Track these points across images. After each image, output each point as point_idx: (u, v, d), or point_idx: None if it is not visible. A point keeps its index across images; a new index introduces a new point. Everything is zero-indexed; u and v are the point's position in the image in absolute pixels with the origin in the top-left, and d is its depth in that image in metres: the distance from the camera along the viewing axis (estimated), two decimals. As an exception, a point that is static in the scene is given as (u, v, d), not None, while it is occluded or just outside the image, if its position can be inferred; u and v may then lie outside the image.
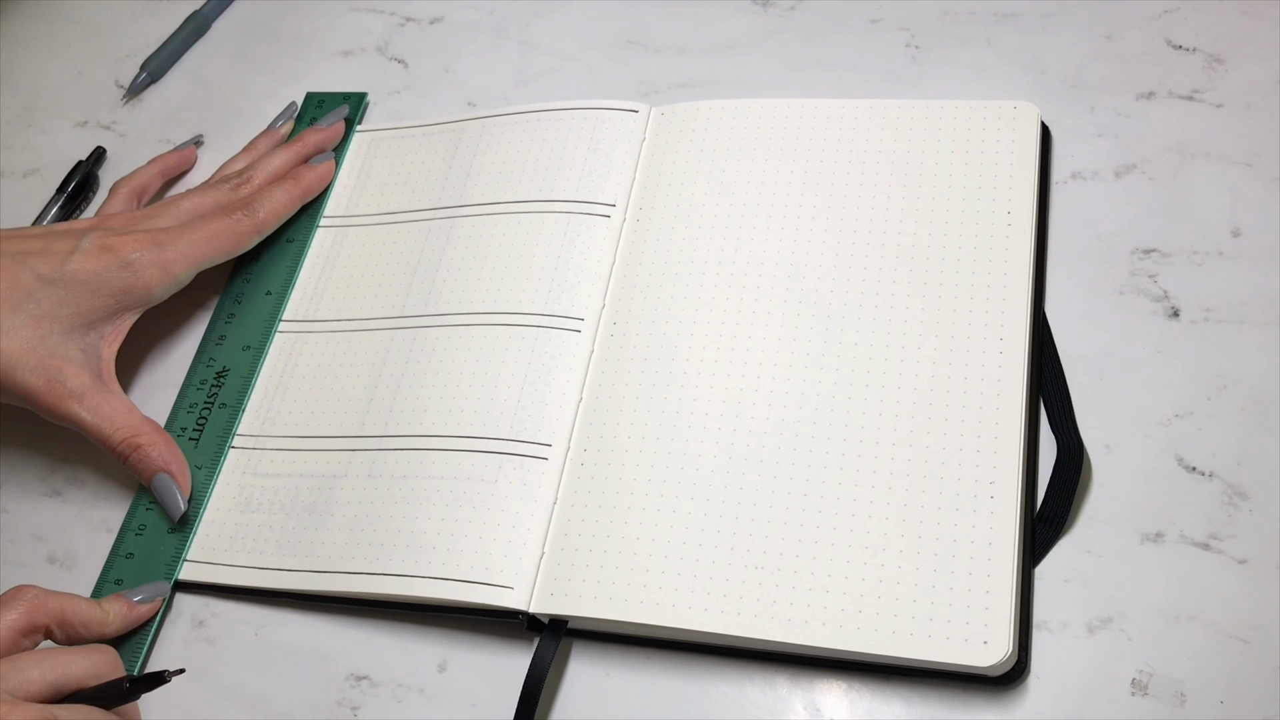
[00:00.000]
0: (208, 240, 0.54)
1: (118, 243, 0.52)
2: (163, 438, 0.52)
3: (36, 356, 0.50)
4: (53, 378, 0.50)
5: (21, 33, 0.73)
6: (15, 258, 0.51)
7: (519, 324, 0.51)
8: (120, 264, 0.51)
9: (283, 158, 0.58)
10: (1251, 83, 0.51)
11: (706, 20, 0.60)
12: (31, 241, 0.52)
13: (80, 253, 0.51)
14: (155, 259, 0.52)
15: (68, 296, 0.51)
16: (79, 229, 0.53)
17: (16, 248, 0.51)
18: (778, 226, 0.50)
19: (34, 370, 0.50)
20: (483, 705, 0.45)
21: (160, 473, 0.51)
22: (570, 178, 0.54)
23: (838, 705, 0.42)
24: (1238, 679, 0.40)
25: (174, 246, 0.53)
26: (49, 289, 0.51)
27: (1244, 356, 0.45)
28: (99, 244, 0.52)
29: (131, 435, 0.51)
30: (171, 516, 0.51)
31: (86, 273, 0.51)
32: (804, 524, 0.43)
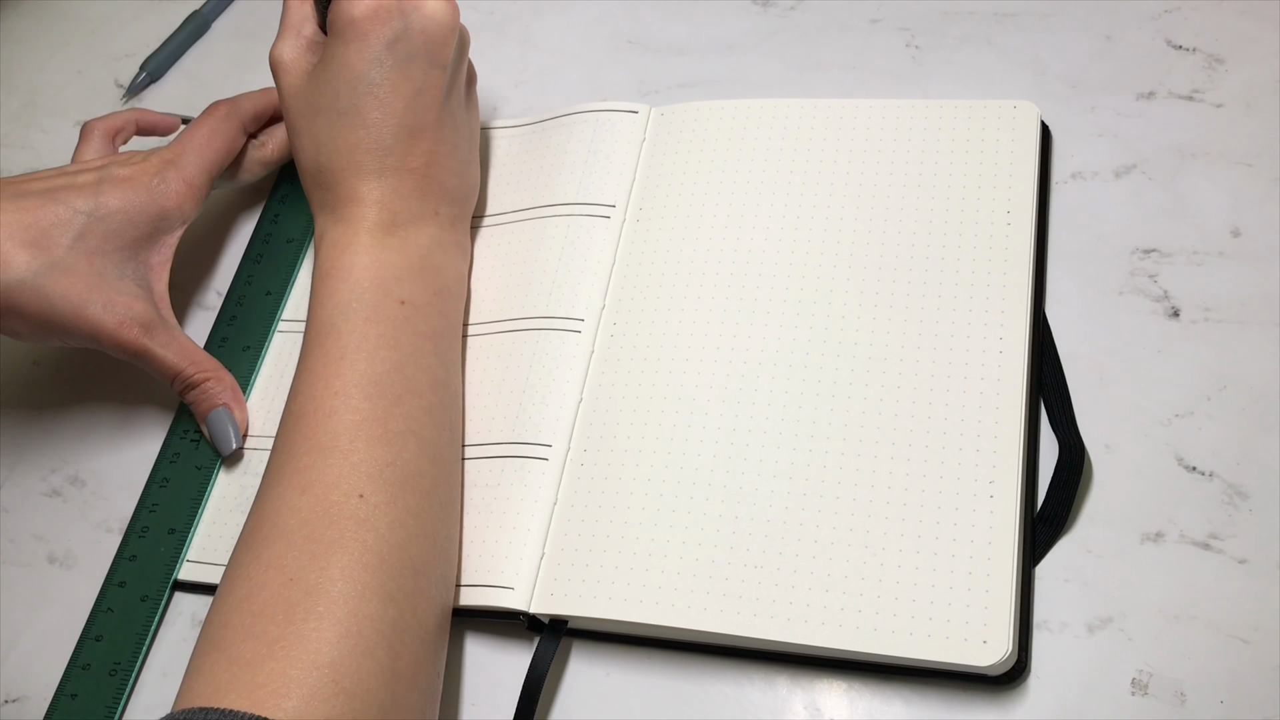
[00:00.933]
0: (208, 139, 0.54)
1: (137, 171, 0.52)
2: (226, 374, 0.53)
3: (101, 294, 0.50)
4: (121, 314, 0.50)
5: (21, 32, 0.73)
6: (45, 195, 0.50)
7: (521, 328, 0.51)
8: (147, 189, 0.51)
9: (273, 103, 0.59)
10: (1251, 83, 0.51)
11: (706, 20, 0.60)
12: (52, 180, 0.51)
13: (107, 182, 0.51)
14: (176, 176, 0.52)
15: (109, 230, 0.50)
16: (93, 165, 0.52)
17: (39, 186, 0.50)
18: (778, 226, 0.50)
19: (101, 307, 0.49)
20: (482, 705, 0.45)
21: (219, 407, 0.52)
22: (571, 179, 0.54)
23: (838, 705, 0.42)
24: (1238, 679, 0.40)
25: (187, 160, 0.53)
26: (90, 222, 0.50)
27: (1244, 356, 0.45)
28: (119, 175, 0.51)
29: (199, 370, 0.52)
30: (222, 451, 0.52)
31: (120, 201, 0.51)
32: (804, 524, 0.43)
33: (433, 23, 0.48)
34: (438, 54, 0.48)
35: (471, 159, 0.52)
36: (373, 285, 0.47)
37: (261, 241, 0.58)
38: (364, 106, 0.47)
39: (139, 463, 0.54)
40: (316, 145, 0.49)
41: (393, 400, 0.44)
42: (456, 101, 0.51)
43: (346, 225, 0.48)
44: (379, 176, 0.48)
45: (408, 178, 0.48)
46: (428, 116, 0.48)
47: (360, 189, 0.48)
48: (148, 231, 0.51)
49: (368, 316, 0.46)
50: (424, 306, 0.47)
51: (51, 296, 0.48)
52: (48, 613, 0.51)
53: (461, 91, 0.51)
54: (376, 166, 0.48)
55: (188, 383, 0.51)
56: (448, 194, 0.50)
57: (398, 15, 0.47)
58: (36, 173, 0.52)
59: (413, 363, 0.46)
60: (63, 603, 0.51)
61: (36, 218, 0.49)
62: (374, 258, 0.47)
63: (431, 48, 0.48)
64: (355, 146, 0.48)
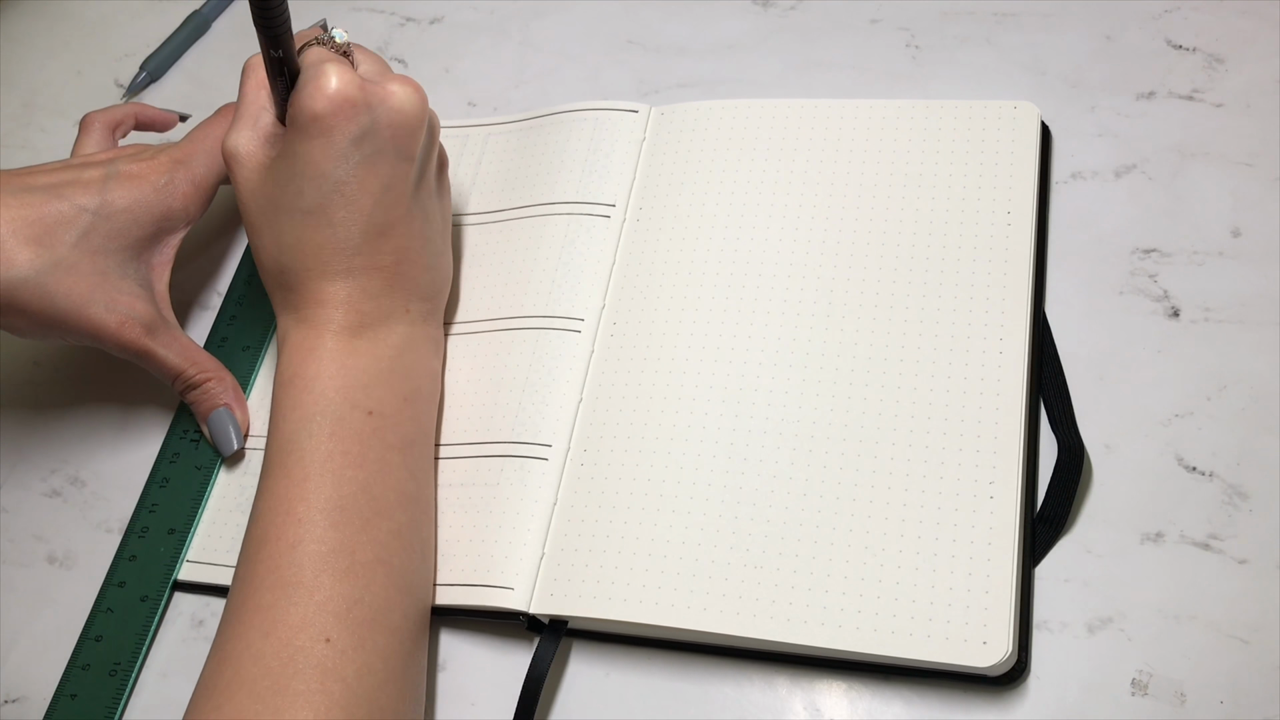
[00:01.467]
0: (220, 141, 0.53)
1: (145, 168, 0.51)
2: (227, 375, 0.52)
3: (103, 293, 0.49)
4: (123, 313, 0.50)
5: (21, 31, 0.73)
6: (48, 190, 0.49)
7: (521, 327, 0.51)
8: (154, 189, 0.51)
9: None
10: (1251, 83, 0.51)
11: (706, 20, 0.60)
12: (57, 174, 0.50)
13: (115, 179, 0.50)
14: (185, 176, 0.52)
15: (114, 228, 0.50)
16: (99, 159, 0.52)
17: (44, 181, 0.49)
18: (777, 226, 0.50)
19: (105, 306, 0.49)
20: (482, 705, 0.45)
21: (220, 407, 0.52)
22: (571, 178, 0.54)
23: (838, 705, 0.42)
24: (1238, 679, 0.40)
25: (196, 161, 0.52)
26: (95, 220, 0.49)
27: (1244, 356, 0.45)
28: (127, 171, 0.51)
29: (200, 370, 0.51)
30: (223, 452, 0.52)
31: (126, 200, 0.50)
32: (804, 524, 0.43)
33: (401, 115, 0.45)
34: (406, 146, 0.46)
35: (444, 250, 0.50)
36: (338, 395, 0.44)
37: (261, 241, 0.58)
38: (329, 205, 0.45)
39: (139, 463, 0.54)
40: (278, 245, 0.46)
41: (360, 526, 0.42)
42: (427, 192, 0.48)
43: (310, 328, 0.45)
44: (346, 277, 0.45)
45: (376, 276, 0.46)
46: (397, 211, 0.46)
47: (326, 290, 0.45)
48: (152, 231, 0.51)
49: (332, 431, 0.43)
50: (394, 415, 0.45)
51: (54, 295, 0.48)
52: (48, 613, 0.51)
53: (432, 180, 0.49)
54: (343, 267, 0.45)
55: (189, 383, 0.51)
56: (419, 289, 0.48)
57: (364, 109, 0.44)
58: (41, 165, 0.51)
59: (380, 481, 0.44)
60: (62, 603, 0.51)
61: (41, 214, 0.48)
62: (340, 364, 0.45)
63: (400, 141, 0.45)
64: (321, 247, 0.45)
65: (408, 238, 0.47)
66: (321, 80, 0.44)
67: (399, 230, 0.46)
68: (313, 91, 0.44)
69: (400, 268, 0.46)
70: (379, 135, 0.45)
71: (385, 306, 0.46)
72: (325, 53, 0.46)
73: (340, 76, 0.44)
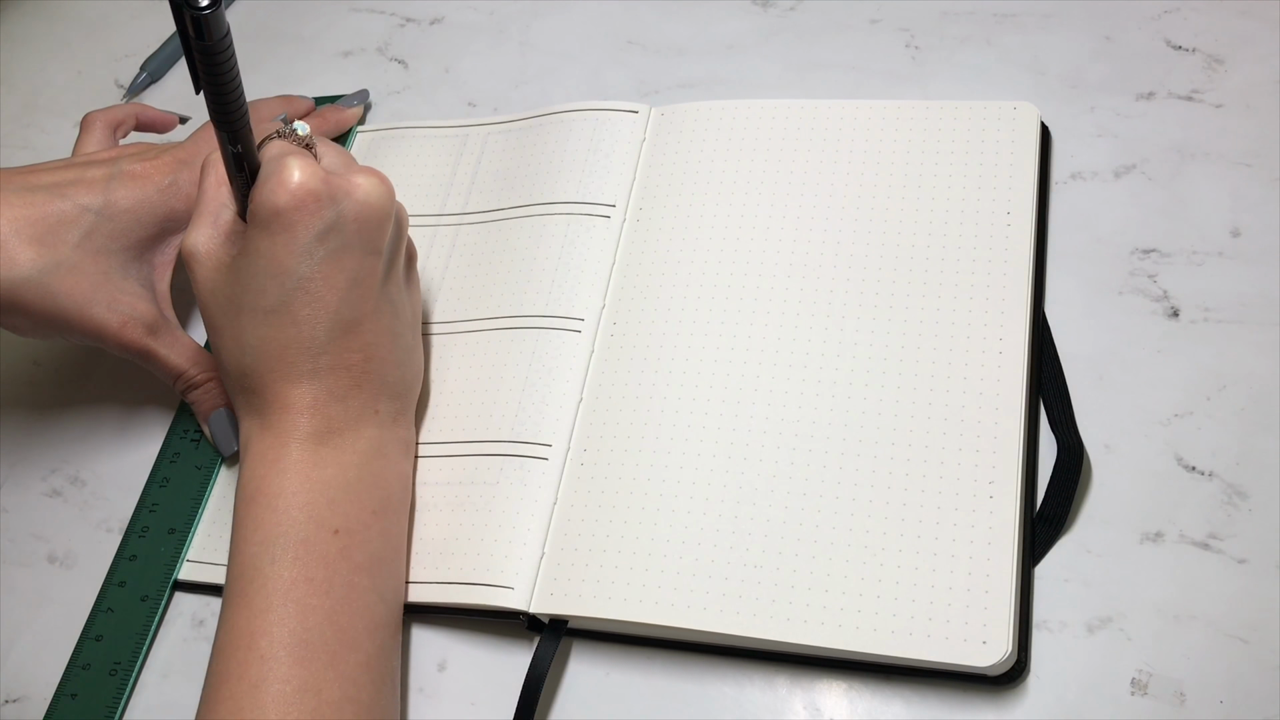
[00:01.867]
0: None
1: (149, 169, 0.51)
2: None
3: (105, 293, 0.49)
4: (125, 314, 0.49)
5: (21, 32, 0.73)
6: (52, 190, 0.49)
7: (521, 326, 0.51)
8: (158, 189, 0.51)
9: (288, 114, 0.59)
10: (1251, 83, 0.51)
11: (706, 20, 0.60)
12: (60, 173, 0.50)
13: (118, 179, 0.50)
14: (190, 177, 0.52)
15: (117, 228, 0.50)
16: (102, 158, 0.51)
17: (48, 180, 0.49)
18: (777, 227, 0.51)
19: (106, 307, 0.49)
20: (482, 705, 0.45)
21: (221, 407, 0.51)
22: (571, 179, 0.54)
23: (838, 705, 0.42)
24: (1237, 679, 0.40)
25: (200, 161, 0.51)
26: (98, 220, 0.49)
27: (1244, 356, 0.45)
28: (131, 171, 0.50)
29: (202, 371, 0.51)
30: (223, 452, 0.51)
31: (130, 200, 0.50)
32: (804, 524, 0.43)
33: (367, 208, 0.44)
34: (373, 240, 0.44)
35: (414, 345, 0.48)
36: (303, 514, 0.42)
37: (261, 241, 0.58)
38: (293, 303, 0.43)
39: (139, 462, 0.54)
40: (240, 346, 0.44)
41: (326, 661, 0.40)
42: (395, 286, 0.47)
43: (275, 436, 0.44)
44: (312, 378, 0.44)
45: (344, 376, 0.44)
46: (364, 307, 0.44)
47: (291, 394, 0.44)
48: (155, 231, 0.51)
49: (296, 556, 0.42)
50: (361, 531, 0.43)
51: (57, 295, 0.48)
52: (48, 613, 0.51)
53: (400, 274, 0.47)
54: (309, 368, 0.44)
55: (190, 383, 0.51)
56: (388, 388, 0.46)
57: (328, 203, 0.43)
58: (44, 164, 0.51)
59: (348, 608, 0.42)
60: (63, 603, 0.51)
61: (44, 213, 0.48)
62: (305, 477, 0.43)
63: (366, 234, 0.44)
64: (285, 347, 0.44)
65: (376, 334, 0.45)
66: (283, 174, 0.42)
67: (367, 326, 0.45)
68: (274, 186, 0.42)
69: (369, 365, 0.45)
70: (344, 229, 0.43)
71: (353, 408, 0.45)
72: (287, 146, 0.45)
73: (303, 169, 0.42)
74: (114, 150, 0.52)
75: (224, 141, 0.42)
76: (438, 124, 0.60)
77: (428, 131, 0.59)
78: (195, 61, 0.38)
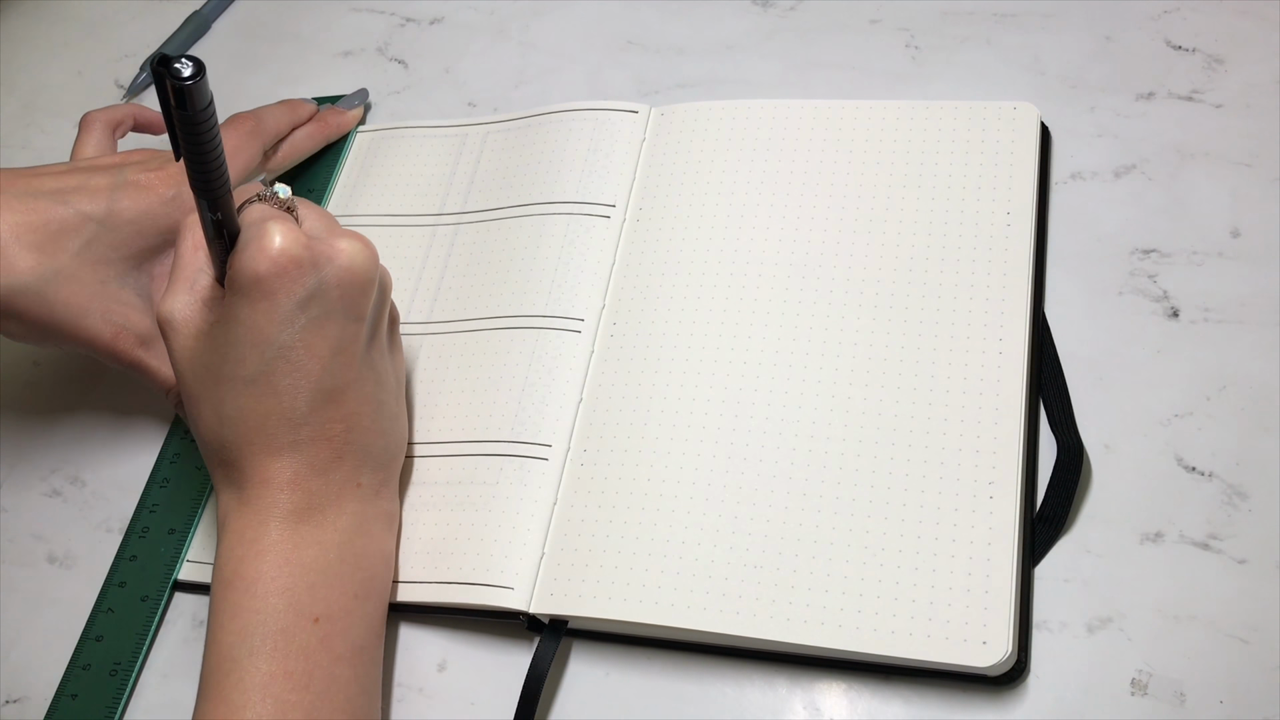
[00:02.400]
0: (231, 156, 0.52)
1: (154, 179, 0.50)
2: None
3: (101, 303, 0.48)
4: (119, 324, 0.49)
5: (21, 32, 0.73)
6: (54, 196, 0.48)
7: (520, 326, 0.51)
8: (161, 201, 0.50)
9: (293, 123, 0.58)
10: (1251, 83, 0.51)
11: (706, 20, 0.60)
12: (65, 178, 0.49)
13: (122, 188, 0.49)
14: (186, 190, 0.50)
15: (118, 238, 0.49)
16: (106, 164, 0.51)
17: (51, 185, 0.48)
18: (777, 227, 0.50)
19: (100, 317, 0.48)
20: (483, 705, 0.45)
21: None
22: (571, 178, 0.54)
23: (838, 705, 0.42)
24: (1238, 679, 0.40)
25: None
26: (99, 230, 0.48)
27: (1244, 356, 0.45)
28: (135, 181, 0.50)
29: None
30: None
31: (133, 211, 0.49)
32: (804, 524, 0.43)
33: (350, 273, 0.42)
34: (356, 307, 0.43)
35: (398, 413, 0.47)
36: (282, 601, 0.41)
37: (261, 241, 0.58)
38: (274, 372, 0.42)
39: (139, 463, 0.54)
40: (219, 416, 0.43)
41: None
42: (379, 352, 0.45)
43: (254, 513, 0.42)
44: (293, 450, 0.42)
45: (326, 447, 0.43)
46: (347, 376, 0.43)
47: (271, 468, 0.42)
48: (156, 243, 0.50)
49: (275, 647, 0.40)
50: (343, 618, 0.42)
51: (53, 304, 0.48)
52: (48, 613, 0.51)
53: (384, 339, 0.46)
54: (290, 439, 0.42)
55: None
56: (371, 458, 0.45)
57: (310, 269, 0.41)
58: (47, 167, 0.50)
59: (328, 702, 0.40)
60: (63, 603, 0.51)
61: (45, 219, 0.47)
62: (284, 559, 0.42)
63: (349, 301, 0.42)
64: (265, 418, 0.42)
65: (359, 402, 0.44)
66: (264, 240, 0.41)
67: (349, 395, 0.43)
68: (254, 252, 0.41)
69: (351, 435, 0.44)
70: (327, 296, 0.42)
71: (335, 482, 0.43)
72: (267, 210, 0.43)
73: (284, 234, 0.41)
74: (118, 157, 0.52)
75: (203, 208, 0.40)
76: (437, 123, 0.60)
77: (427, 131, 0.59)
78: (176, 130, 0.36)
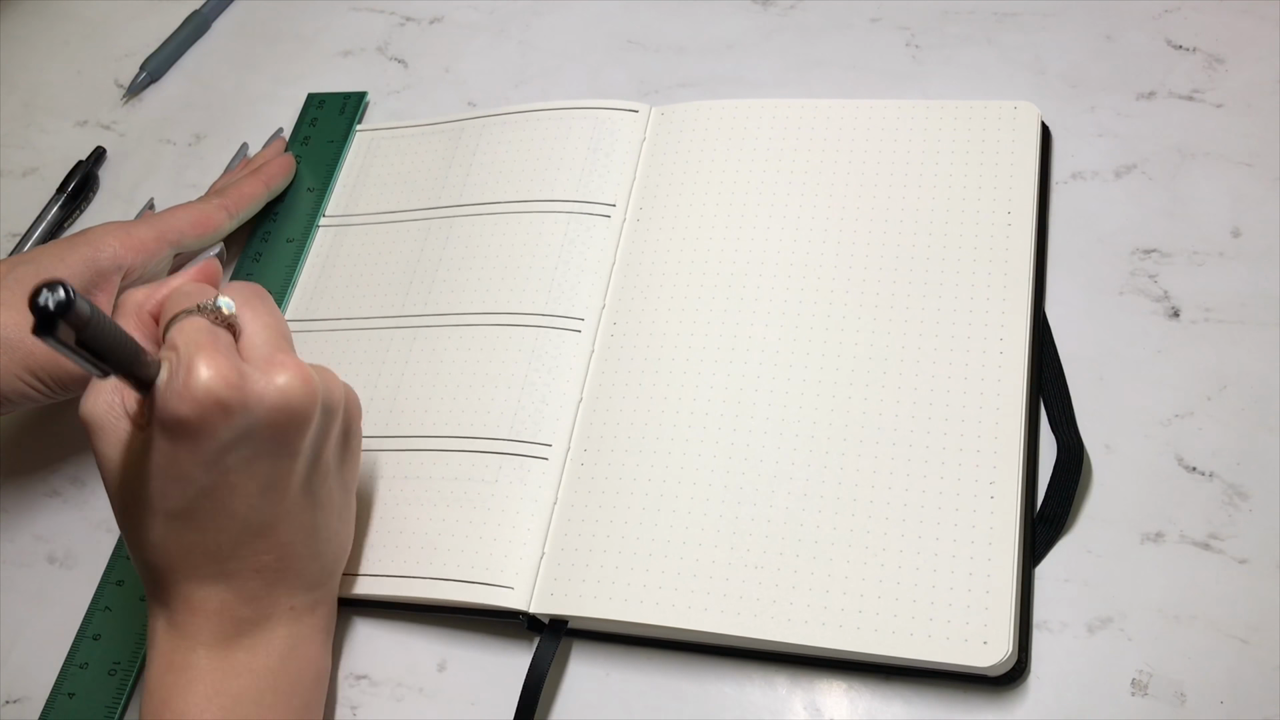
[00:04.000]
0: (176, 215, 0.53)
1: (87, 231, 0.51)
2: None
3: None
4: None
5: (21, 32, 0.73)
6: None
7: (519, 324, 0.51)
8: (84, 240, 0.50)
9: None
10: (1251, 83, 0.51)
11: (706, 20, 0.60)
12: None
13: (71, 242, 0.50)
14: (118, 230, 0.51)
15: (40, 269, 0.48)
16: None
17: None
18: (778, 226, 0.50)
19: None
20: (483, 705, 0.45)
21: None
22: (570, 177, 0.54)
23: (838, 705, 0.42)
24: (1238, 679, 0.40)
25: (141, 225, 0.52)
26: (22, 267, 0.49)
27: (1244, 356, 0.45)
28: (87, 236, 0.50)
29: None
30: None
31: (54, 247, 0.50)
32: (804, 524, 0.43)
33: (283, 413, 0.39)
34: (290, 445, 0.40)
35: (341, 528, 0.44)
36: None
37: (261, 240, 0.58)
38: (198, 511, 0.39)
39: (139, 463, 0.54)
40: (142, 541, 0.40)
41: None
42: (320, 476, 0.42)
43: (181, 638, 0.40)
44: (218, 580, 0.40)
45: (254, 579, 0.41)
46: (278, 509, 0.40)
47: (196, 595, 0.40)
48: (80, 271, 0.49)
49: None
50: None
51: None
52: (48, 613, 0.51)
53: (329, 462, 0.43)
54: (216, 571, 0.40)
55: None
56: (305, 581, 0.42)
57: (239, 409, 0.38)
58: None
59: None
60: (62, 603, 0.51)
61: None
62: (214, 689, 0.40)
63: (281, 441, 0.39)
64: (190, 550, 0.40)
65: (291, 533, 0.41)
66: (189, 378, 0.37)
67: (281, 528, 0.41)
68: (179, 391, 0.37)
69: (283, 564, 0.41)
70: (255, 437, 0.39)
71: (265, 607, 0.41)
72: (199, 333, 0.39)
73: (211, 371, 0.37)
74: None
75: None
76: (435, 120, 0.60)
77: (426, 129, 0.59)
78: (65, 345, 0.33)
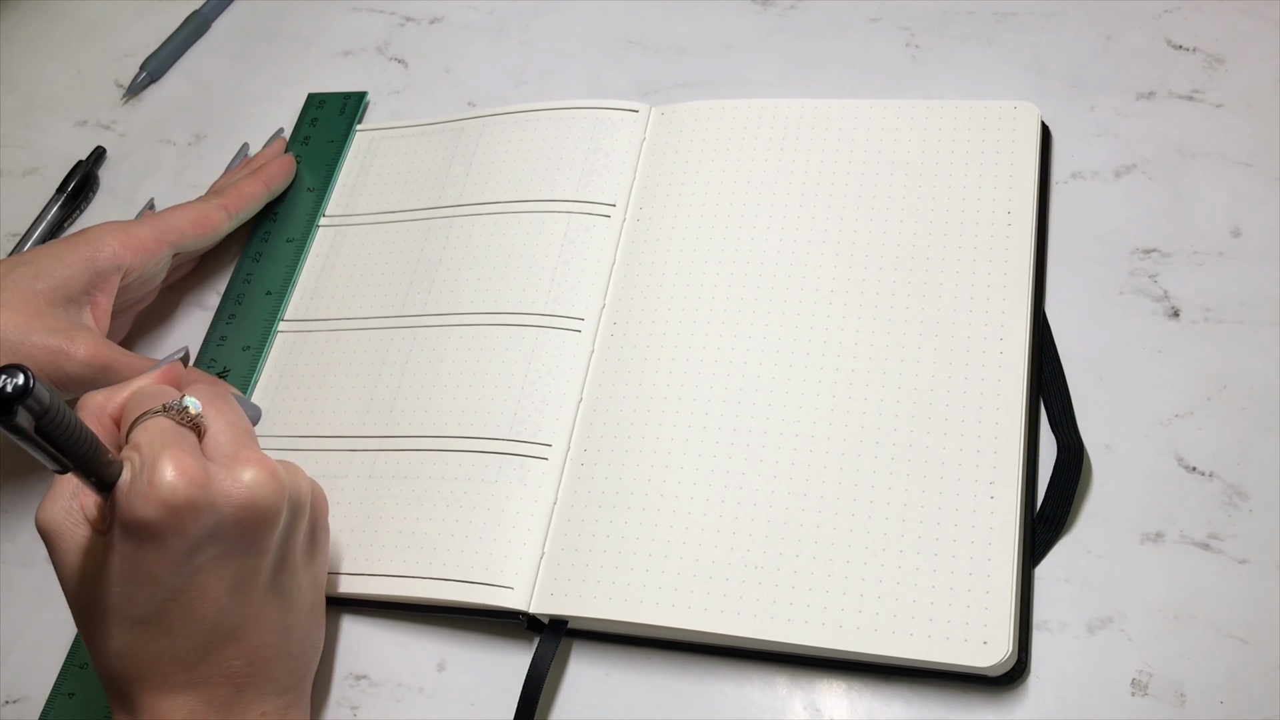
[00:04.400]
0: (176, 215, 0.54)
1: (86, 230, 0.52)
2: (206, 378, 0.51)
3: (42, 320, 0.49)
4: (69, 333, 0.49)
5: (21, 31, 0.73)
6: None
7: (519, 324, 0.51)
8: (84, 240, 0.51)
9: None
10: (1251, 83, 0.51)
11: (706, 20, 0.60)
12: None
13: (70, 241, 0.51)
14: (117, 230, 0.52)
15: (39, 270, 0.49)
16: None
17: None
18: (778, 226, 0.50)
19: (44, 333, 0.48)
20: (482, 705, 0.45)
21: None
22: (570, 177, 0.54)
23: (838, 705, 0.42)
24: (1238, 679, 0.40)
25: (140, 225, 0.53)
26: (21, 268, 0.50)
27: (1244, 356, 0.45)
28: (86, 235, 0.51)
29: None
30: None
31: (53, 247, 0.51)
32: (804, 524, 0.43)
33: (250, 511, 0.38)
34: (258, 542, 0.39)
35: (313, 627, 0.44)
36: None
37: (261, 240, 0.58)
38: (165, 616, 0.38)
39: (139, 463, 0.54)
40: (105, 651, 0.39)
41: None
42: (289, 574, 0.41)
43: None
44: (187, 689, 0.39)
45: (224, 685, 0.39)
46: (248, 611, 0.40)
47: (163, 705, 0.39)
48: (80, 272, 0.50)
49: None
50: None
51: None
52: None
53: (296, 558, 0.42)
54: (184, 679, 0.39)
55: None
56: (276, 685, 0.41)
57: (205, 510, 0.37)
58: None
59: None
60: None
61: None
62: None
63: (249, 539, 0.39)
64: (156, 658, 0.38)
65: (261, 635, 0.40)
66: (154, 478, 0.37)
67: (250, 630, 0.40)
68: (143, 492, 0.37)
69: (253, 669, 0.40)
70: (223, 537, 0.38)
71: (236, 715, 0.40)
72: (164, 433, 0.38)
73: (176, 473, 0.37)
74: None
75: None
76: (435, 120, 0.60)
77: (425, 129, 0.59)
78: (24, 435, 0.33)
